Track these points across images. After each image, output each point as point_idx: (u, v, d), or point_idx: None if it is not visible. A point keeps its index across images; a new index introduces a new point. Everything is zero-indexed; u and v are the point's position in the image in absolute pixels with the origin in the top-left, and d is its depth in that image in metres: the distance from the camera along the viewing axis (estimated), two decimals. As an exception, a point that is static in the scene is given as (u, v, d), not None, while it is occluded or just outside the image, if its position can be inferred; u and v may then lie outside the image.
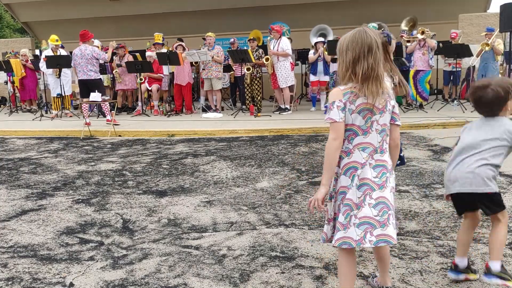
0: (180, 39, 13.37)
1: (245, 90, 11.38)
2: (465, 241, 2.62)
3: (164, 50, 12.69)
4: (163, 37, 12.98)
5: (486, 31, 10.94)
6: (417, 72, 10.40)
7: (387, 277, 2.49)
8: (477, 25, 13.14)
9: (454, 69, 11.49)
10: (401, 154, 3.13)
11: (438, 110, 10.17)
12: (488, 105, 2.50)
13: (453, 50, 11.00)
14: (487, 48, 10.54)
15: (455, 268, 2.61)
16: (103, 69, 12.03)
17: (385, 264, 2.47)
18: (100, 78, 10.26)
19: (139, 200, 4.52)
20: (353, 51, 2.19)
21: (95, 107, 11.90)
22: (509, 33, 8.81)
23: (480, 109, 2.56)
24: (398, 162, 3.24)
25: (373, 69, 2.16)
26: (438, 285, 2.56)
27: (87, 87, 9.92)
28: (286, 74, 10.82)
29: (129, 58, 12.55)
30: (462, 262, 2.60)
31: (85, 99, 9.66)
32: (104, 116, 10.37)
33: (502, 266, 2.40)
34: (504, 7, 8.63)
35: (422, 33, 10.39)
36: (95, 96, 9.22)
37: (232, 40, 12.73)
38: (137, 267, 2.98)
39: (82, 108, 10.02)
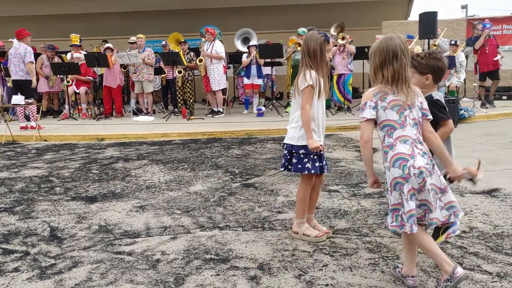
0: (105, 41, 13.02)
1: (177, 93, 11.27)
2: None
3: (83, 51, 12.32)
4: (81, 39, 12.55)
5: (407, 38, 11.57)
6: (339, 76, 10.82)
7: (413, 267, 2.59)
8: (399, 32, 13.84)
9: (379, 74, 12.03)
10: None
11: (364, 113, 10.59)
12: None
13: (377, 55, 11.50)
14: (408, 54, 11.14)
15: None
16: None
17: (412, 254, 2.59)
18: (30, 80, 9.70)
19: (68, 207, 4.35)
20: (379, 56, 2.47)
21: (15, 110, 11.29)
22: (427, 40, 9.37)
23: (440, 79, 2.82)
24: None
25: (400, 72, 2.43)
26: (367, 280, 2.69)
27: (20, 88, 9.39)
28: (219, 77, 10.85)
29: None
30: None
31: (11, 103, 9.14)
32: (29, 120, 9.87)
33: None
34: (422, 16, 9.18)
35: (343, 38, 10.82)
36: (18, 99, 8.76)
37: (163, 42, 12.57)
38: (67, 276, 2.87)
39: (18, 111, 9.50)
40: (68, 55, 12.43)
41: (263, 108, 11.09)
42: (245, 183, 5.01)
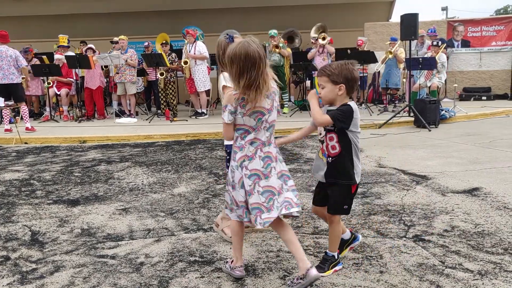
0: (84, 42, 12.88)
1: (160, 94, 11.21)
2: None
3: (70, 53, 12.17)
4: (69, 39, 12.41)
5: (390, 41, 11.69)
6: None
7: (305, 262, 2.53)
8: (381, 33, 14.00)
9: (361, 75, 12.14)
10: None
11: (347, 113, 10.66)
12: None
13: (360, 56, 11.63)
14: (390, 56, 11.28)
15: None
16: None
17: (296, 248, 2.59)
18: (21, 82, 9.62)
19: (49, 210, 4.29)
20: (238, 64, 2.44)
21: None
22: (409, 41, 9.47)
23: (353, 90, 2.79)
24: None
25: (255, 80, 2.43)
26: (351, 280, 2.70)
27: (8, 91, 9.23)
28: (203, 78, 10.81)
29: (35, 62, 11.89)
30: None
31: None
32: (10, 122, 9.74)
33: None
34: (403, 18, 9.27)
35: (323, 39, 10.87)
36: (-2, 101, 8.65)
37: (146, 43, 12.49)
38: (48, 280, 2.83)
39: (3, 114, 9.36)
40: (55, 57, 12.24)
41: (246, 109, 11.09)
42: (229, 185, 5.00)
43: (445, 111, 9.57)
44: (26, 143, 8.46)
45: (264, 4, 15.94)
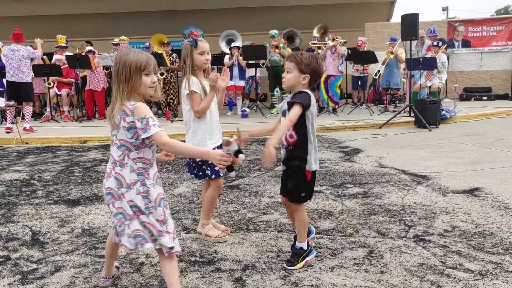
0: (89, 42, 12.88)
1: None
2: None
3: (68, 53, 12.19)
4: (67, 40, 12.42)
5: (390, 41, 11.69)
6: (328, 77, 10.84)
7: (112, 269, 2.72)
8: (381, 33, 14.00)
9: (362, 75, 12.16)
10: None
11: (348, 114, 10.69)
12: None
13: (361, 57, 11.64)
14: (391, 56, 11.28)
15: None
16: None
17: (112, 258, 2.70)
18: (31, 82, 9.63)
19: (50, 210, 4.29)
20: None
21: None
22: (409, 41, 9.47)
23: (315, 83, 2.85)
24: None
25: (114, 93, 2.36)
26: (351, 280, 2.70)
27: (16, 90, 9.26)
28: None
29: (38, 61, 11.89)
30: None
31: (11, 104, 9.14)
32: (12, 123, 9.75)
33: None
34: (404, 18, 9.27)
35: (333, 40, 10.87)
36: (-2, 101, 8.66)
37: (147, 44, 12.49)
38: (49, 281, 2.83)
39: (7, 112, 9.37)
40: (54, 57, 12.26)
41: (247, 109, 11.10)
42: (230, 185, 5.00)
43: (446, 111, 9.57)
44: (26, 143, 8.47)
45: (264, 4, 15.95)
